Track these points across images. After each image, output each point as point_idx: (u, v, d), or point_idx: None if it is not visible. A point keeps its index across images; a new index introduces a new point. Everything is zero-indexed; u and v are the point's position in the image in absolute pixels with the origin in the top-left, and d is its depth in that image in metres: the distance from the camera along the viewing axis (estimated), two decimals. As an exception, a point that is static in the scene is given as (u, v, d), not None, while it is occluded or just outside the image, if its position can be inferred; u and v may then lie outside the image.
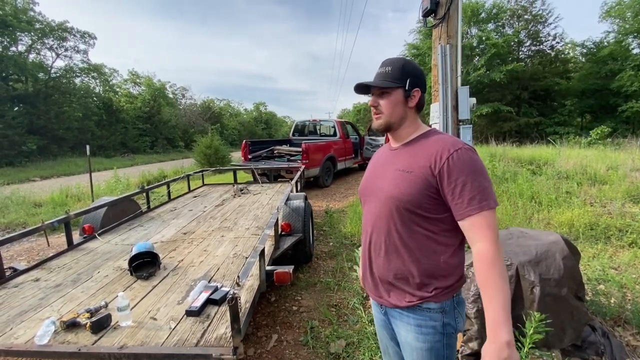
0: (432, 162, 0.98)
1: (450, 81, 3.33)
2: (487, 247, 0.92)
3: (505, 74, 18.67)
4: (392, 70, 1.07)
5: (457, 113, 3.36)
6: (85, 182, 8.12)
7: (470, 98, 3.38)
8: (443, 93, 3.30)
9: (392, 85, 1.06)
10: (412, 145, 1.08)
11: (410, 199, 1.00)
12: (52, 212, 6.19)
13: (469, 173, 0.94)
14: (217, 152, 12.64)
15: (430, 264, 1.03)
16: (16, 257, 4.20)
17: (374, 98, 1.10)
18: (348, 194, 7.54)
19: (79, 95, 23.18)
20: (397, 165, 1.07)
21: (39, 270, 2.42)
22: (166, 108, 30.15)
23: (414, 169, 1.01)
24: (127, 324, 1.67)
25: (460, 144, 0.99)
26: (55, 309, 1.88)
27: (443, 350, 1.07)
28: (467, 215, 0.93)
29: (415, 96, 1.08)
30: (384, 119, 1.09)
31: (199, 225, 3.45)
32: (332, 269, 3.47)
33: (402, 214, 1.02)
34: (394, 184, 1.04)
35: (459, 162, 0.95)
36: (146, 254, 2.30)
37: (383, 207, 1.07)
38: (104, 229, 3.25)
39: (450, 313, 1.05)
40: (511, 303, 1.87)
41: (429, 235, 1.02)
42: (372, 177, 1.19)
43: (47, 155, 18.68)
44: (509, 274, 1.92)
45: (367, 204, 1.18)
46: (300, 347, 2.25)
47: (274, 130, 49.86)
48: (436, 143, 1.02)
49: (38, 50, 21.53)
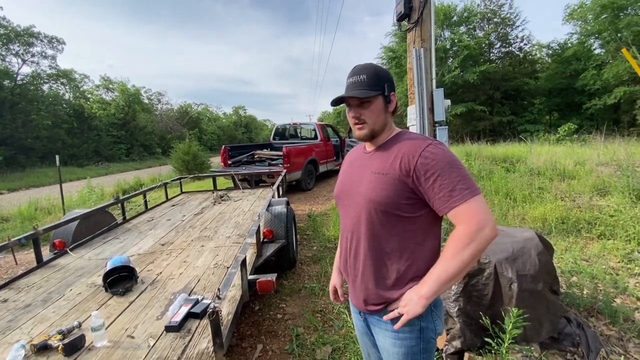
0: (405, 163, 0.99)
1: (426, 83, 3.41)
2: (464, 228, 0.93)
3: (478, 74, 19.37)
4: (369, 78, 1.05)
5: (433, 115, 3.43)
6: (56, 194, 7.73)
7: (445, 100, 3.46)
8: (419, 95, 3.36)
9: (372, 94, 1.04)
10: (386, 147, 1.08)
11: (388, 200, 1.00)
12: (20, 227, 5.85)
13: (443, 166, 0.94)
14: (196, 158, 12.34)
15: (407, 264, 1.03)
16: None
17: (355, 109, 1.06)
18: (330, 196, 7.55)
19: (47, 102, 22.16)
20: (372, 168, 1.07)
21: (7, 291, 2.27)
22: (142, 114, 29.30)
23: (389, 171, 1.02)
24: (103, 344, 1.60)
25: (429, 140, 1.00)
26: (25, 331, 1.77)
27: (420, 354, 1.07)
28: (450, 207, 0.93)
29: (393, 100, 1.09)
30: (368, 128, 1.06)
31: (178, 235, 3.36)
32: (316, 273, 3.45)
33: (381, 217, 1.03)
34: (371, 187, 1.04)
35: (431, 157, 0.95)
36: (122, 268, 2.21)
37: (362, 211, 1.06)
38: (76, 243, 3.09)
39: (427, 317, 1.05)
40: (491, 300, 1.94)
41: (408, 236, 1.03)
42: (347, 181, 1.18)
43: (14, 166, 17.72)
44: (488, 271, 1.97)
45: (344, 207, 1.17)
46: (286, 355, 2.22)
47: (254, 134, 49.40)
48: (407, 143, 1.03)
49: (3, 57, 20.45)
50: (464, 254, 0.91)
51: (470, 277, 2.00)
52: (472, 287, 2.00)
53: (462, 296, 1.99)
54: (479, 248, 0.92)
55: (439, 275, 0.94)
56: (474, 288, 2.00)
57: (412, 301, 0.97)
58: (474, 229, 0.91)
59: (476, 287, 2.00)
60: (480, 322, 1.92)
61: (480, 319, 1.92)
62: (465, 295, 1.99)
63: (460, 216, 0.93)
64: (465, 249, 0.92)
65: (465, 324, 1.99)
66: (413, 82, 3.42)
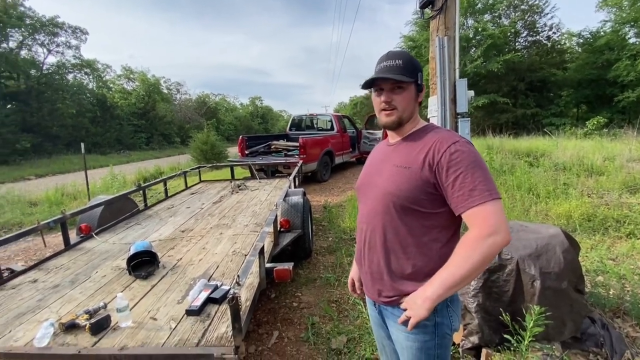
0: (429, 157, 0.96)
1: (448, 73, 3.30)
2: (477, 231, 0.90)
3: (502, 64, 18.62)
4: (404, 64, 1.01)
5: (455, 106, 3.33)
6: (81, 180, 8.04)
7: (468, 90, 3.35)
8: (441, 86, 3.27)
9: (407, 80, 1.01)
10: (410, 140, 1.06)
11: (407, 194, 0.98)
12: (48, 211, 6.14)
13: (467, 165, 0.92)
14: (214, 148, 12.55)
15: (425, 260, 1.02)
16: (13, 258, 4.17)
17: (387, 94, 1.02)
18: (346, 188, 7.53)
19: (72, 91, 22.88)
20: (395, 161, 1.06)
21: (37, 271, 2.39)
22: (161, 104, 29.88)
23: (411, 164, 1.00)
24: (127, 325, 1.66)
25: (457, 137, 0.97)
26: (54, 310, 1.86)
27: (434, 349, 1.06)
28: (468, 207, 0.91)
29: (423, 91, 1.08)
30: (396, 115, 1.04)
31: (197, 222, 3.43)
32: (331, 264, 3.47)
33: (399, 211, 1.01)
34: (391, 180, 1.03)
35: (457, 155, 0.93)
36: (145, 253, 2.28)
37: (379, 203, 1.05)
38: (101, 228, 3.22)
39: (443, 312, 1.04)
40: (512, 297, 1.90)
41: (425, 231, 1.01)
42: (369, 173, 1.17)
43: (41, 153, 18.50)
44: (510, 268, 1.92)
45: (363, 200, 1.17)
46: (301, 343, 2.25)
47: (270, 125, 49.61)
48: (433, 137, 1.00)
49: (29, 47, 21.18)
50: (473, 258, 0.88)
51: (491, 272, 1.95)
52: (492, 283, 1.96)
53: (482, 292, 1.95)
54: (489, 254, 0.89)
55: (446, 279, 0.92)
56: (494, 284, 1.96)
57: (415, 304, 0.95)
58: (485, 234, 0.88)
59: (496, 283, 1.96)
60: (500, 318, 1.88)
61: (500, 316, 1.88)
62: (484, 291, 1.96)
63: (475, 218, 0.91)
64: (474, 253, 0.89)
65: (484, 320, 1.95)
66: (435, 72, 3.32)
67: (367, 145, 9.99)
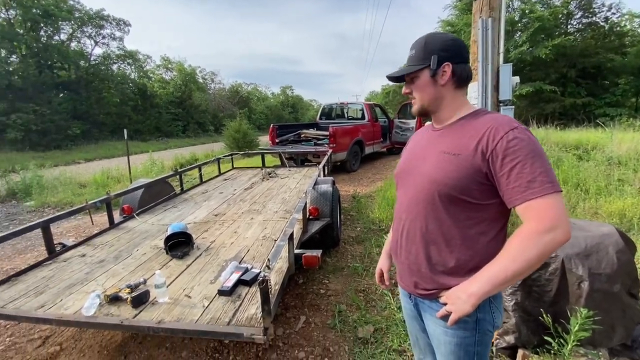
0: (482, 144, 0.89)
1: (492, 58, 3.09)
2: (534, 225, 0.82)
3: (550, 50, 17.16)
4: (416, 52, 1.00)
5: (498, 93, 3.12)
6: (124, 165, 8.57)
7: (513, 77, 3.12)
8: (482, 71, 3.07)
9: (414, 69, 0.99)
10: (459, 125, 0.98)
11: (456, 183, 0.92)
12: (95, 193, 6.61)
13: (527, 154, 0.83)
14: (246, 136, 12.84)
15: (471, 254, 0.95)
16: (65, 234, 4.55)
17: (406, 85, 1.05)
18: (376, 179, 7.41)
19: (116, 81, 24.23)
20: (442, 147, 0.98)
21: (85, 247, 2.58)
22: (197, 93, 30.86)
23: (461, 151, 0.92)
24: (164, 301, 1.75)
25: (515, 123, 0.89)
26: (100, 283, 2.00)
27: (474, 347, 1.00)
28: (525, 199, 0.83)
29: (446, 71, 0.97)
30: (417, 104, 1.04)
31: (229, 207, 3.53)
32: (360, 254, 3.44)
33: (444, 200, 0.95)
34: (438, 167, 0.96)
35: (515, 142, 0.85)
36: (180, 234, 2.38)
37: (422, 191, 1.00)
38: (141, 209, 3.41)
39: (485, 308, 0.98)
40: (554, 297, 1.77)
41: (472, 224, 0.95)
42: (410, 159, 1.11)
43: (89, 139, 19.89)
44: (554, 266, 1.79)
45: (403, 187, 1.11)
46: (328, 329, 2.26)
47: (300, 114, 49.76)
48: (487, 123, 0.92)
49: (78, 39, 22.60)
50: (529, 254, 0.81)
51: (532, 270, 1.83)
52: (532, 281, 1.84)
53: (521, 290, 1.84)
54: (546, 250, 0.81)
55: (496, 275, 0.85)
56: (535, 283, 1.84)
57: (459, 299, 0.90)
58: (544, 228, 0.80)
59: (538, 282, 1.84)
60: (540, 319, 1.77)
61: (540, 316, 1.77)
62: (524, 289, 1.84)
63: (532, 211, 0.83)
64: (530, 249, 0.81)
65: (522, 320, 1.85)
66: (477, 57, 3.12)
67: (399, 136, 9.72)
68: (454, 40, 1.00)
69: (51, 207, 6.15)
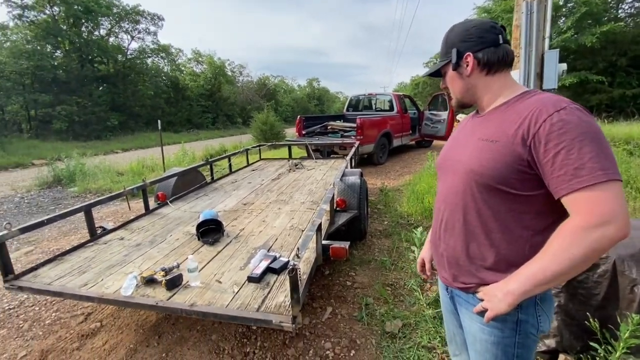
0: (524, 128, 0.80)
1: (536, 44, 2.88)
2: (580, 219, 0.73)
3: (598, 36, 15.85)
4: (441, 48, 1.01)
5: (542, 82, 2.91)
6: (157, 155, 8.94)
7: (560, 64, 2.90)
8: (525, 58, 2.87)
9: (437, 67, 1.02)
10: (502, 110, 0.91)
11: (493, 173, 0.85)
12: (131, 180, 6.95)
13: (574, 137, 0.73)
14: (273, 128, 12.99)
15: (512, 250, 0.88)
16: (105, 218, 4.82)
17: (442, 79, 1.05)
18: (404, 172, 7.23)
19: (150, 74, 25.24)
20: (481, 134, 0.92)
21: (123, 231, 2.71)
22: (226, 86, 31.51)
23: (500, 137, 0.85)
24: (196, 285, 1.80)
25: (564, 103, 0.78)
26: (137, 265, 2.09)
27: (514, 348, 0.94)
28: (571, 189, 0.73)
29: (468, 62, 0.93)
30: (453, 97, 1.04)
31: (258, 197, 3.58)
32: (387, 248, 3.38)
33: (482, 191, 0.89)
34: (475, 156, 0.90)
35: (560, 125, 0.75)
36: (212, 222, 2.44)
37: (460, 182, 0.94)
38: (174, 196, 3.53)
39: (529, 309, 0.91)
40: (602, 301, 1.64)
41: (514, 217, 0.87)
42: (452, 148, 1.06)
43: (126, 130, 20.93)
44: (604, 268, 1.65)
45: (443, 177, 1.06)
46: (354, 322, 2.24)
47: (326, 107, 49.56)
48: (532, 105, 0.82)
49: (116, 34, 23.69)
50: (572, 253, 0.73)
51: (578, 271, 1.70)
52: (578, 283, 1.72)
53: (565, 292, 1.72)
54: (595, 249, 0.72)
55: (534, 274, 0.78)
56: (581, 285, 1.71)
57: (495, 297, 0.84)
58: (591, 223, 0.71)
59: (584, 284, 1.71)
60: (585, 323, 1.65)
61: (585, 321, 1.64)
62: (568, 291, 1.72)
63: (579, 203, 0.73)
64: (574, 247, 0.73)
65: (564, 323, 1.73)
66: (519, 43, 2.91)
67: (429, 128, 9.39)
68: (477, 26, 0.93)
69: (92, 193, 6.55)
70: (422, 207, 4.19)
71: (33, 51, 17.63)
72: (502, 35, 0.92)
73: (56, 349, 2.10)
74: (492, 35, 0.92)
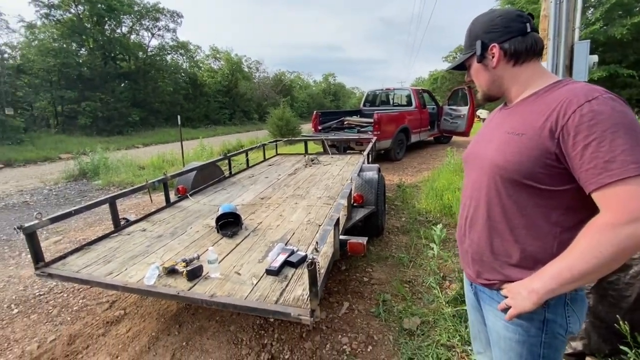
0: (552, 120, 0.76)
1: (565, 35, 2.75)
2: (610, 216, 0.69)
3: (629, 28, 15.04)
4: (465, 41, 0.99)
5: (571, 74, 2.78)
6: (177, 150, 9.14)
7: (590, 56, 2.76)
8: (554, 49, 2.75)
9: (461, 60, 0.99)
10: (529, 101, 0.87)
11: (519, 167, 0.82)
12: (152, 174, 7.14)
13: (606, 129, 0.69)
14: (288, 124, 13.03)
15: (539, 246, 0.85)
16: (127, 210, 4.98)
17: (467, 72, 1.03)
18: (422, 168, 7.12)
19: (169, 71, 25.72)
20: (507, 127, 0.89)
21: (145, 222, 2.79)
22: (242, 82, 31.78)
23: (527, 130, 0.82)
24: (216, 276, 1.83)
25: (596, 93, 0.74)
26: (158, 256, 2.14)
27: (540, 348, 0.90)
28: (600, 183, 0.70)
29: (494, 53, 0.89)
30: (479, 90, 1.01)
31: (275, 191, 3.60)
32: (405, 244, 3.34)
33: (507, 186, 0.86)
34: (500, 150, 0.87)
35: (591, 116, 0.71)
36: (230, 215, 2.47)
37: (484, 176, 0.92)
38: (194, 190, 3.60)
39: (558, 309, 0.87)
40: (634, 304, 1.56)
41: (542, 212, 0.83)
42: (478, 141, 1.03)
43: (147, 125, 21.47)
44: (636, 269, 1.57)
45: (468, 172, 1.03)
46: (371, 317, 2.23)
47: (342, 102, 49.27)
48: (562, 95, 0.78)
49: (137, 31, 24.23)
50: (601, 252, 0.69)
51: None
52: (608, 285, 1.64)
53: (594, 294, 1.65)
54: (626, 247, 0.67)
55: (560, 272, 0.75)
56: (611, 286, 1.64)
57: (519, 295, 0.82)
58: (621, 220, 0.67)
59: (615, 286, 1.63)
60: (615, 326, 1.57)
61: (615, 323, 1.57)
62: (598, 292, 1.65)
63: (610, 198, 0.69)
64: (602, 245, 0.69)
65: (592, 325, 1.67)
66: (547, 34, 2.79)
67: (449, 123, 9.18)
68: (502, 15, 0.89)
69: (115, 186, 6.77)
70: (441, 204, 4.12)
71: (59, 49, 18.30)
72: (529, 23, 0.89)
73: (83, 334, 2.19)
74: (518, 24, 0.88)
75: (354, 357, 1.89)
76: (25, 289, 2.82)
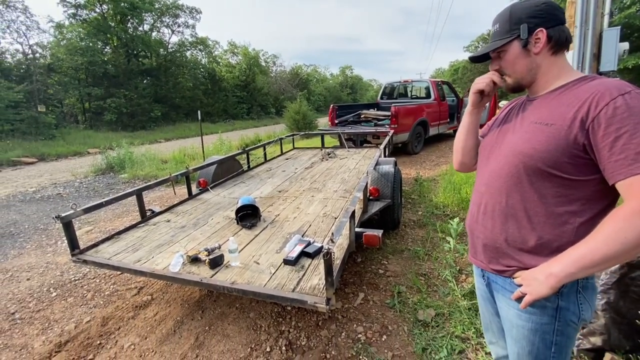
0: (583, 111, 0.78)
1: (593, 21, 2.63)
2: (635, 204, 0.72)
3: (669, 11, 14.06)
4: (500, 25, 0.95)
5: (599, 63, 2.67)
6: (197, 144, 9.39)
7: (620, 43, 2.63)
8: (581, 37, 2.64)
9: (501, 43, 0.93)
10: (558, 93, 0.88)
11: (546, 156, 0.83)
12: (174, 167, 7.39)
13: (638, 122, 0.72)
14: (305, 118, 13.09)
15: (557, 235, 0.86)
16: (151, 202, 5.20)
17: (493, 62, 1.00)
18: (440, 162, 7.01)
19: (189, 67, 26.24)
20: (534, 117, 0.90)
21: (169, 214, 2.92)
22: (260, 76, 32.01)
23: (556, 120, 0.83)
24: (236, 265, 1.91)
25: (628, 88, 0.76)
26: (182, 245, 2.26)
27: (552, 335, 0.92)
28: (630, 173, 0.72)
29: (539, 38, 0.88)
30: (511, 79, 0.98)
31: (291, 185, 3.67)
32: (421, 238, 3.34)
33: (530, 174, 0.87)
34: (526, 138, 0.88)
35: (624, 108, 0.73)
36: (249, 207, 2.55)
37: (507, 164, 0.93)
38: (214, 183, 3.72)
39: (570, 296, 0.89)
40: (659, 300, 1.53)
41: (562, 201, 0.85)
42: (497, 131, 1.04)
43: (168, 120, 22.07)
44: (662, 264, 1.53)
45: (485, 160, 1.05)
46: (386, 309, 2.27)
47: (359, 95, 48.77)
48: (593, 88, 0.80)
49: (158, 28, 24.79)
50: (626, 236, 0.70)
51: (632, 268, 1.60)
52: (631, 280, 1.61)
53: (615, 289, 1.62)
54: None
55: (583, 256, 0.76)
56: (633, 282, 1.60)
57: (536, 280, 0.83)
58: None
59: (637, 282, 1.59)
60: (637, 322, 1.55)
61: (637, 320, 1.54)
62: (619, 288, 1.62)
63: (637, 187, 0.71)
64: (627, 231, 0.71)
65: (613, 321, 1.64)
66: (574, 20, 2.68)
67: (468, 116, 8.94)
68: (547, 2, 0.89)
69: (140, 179, 7.06)
70: (459, 198, 4.07)
71: (86, 48, 19.01)
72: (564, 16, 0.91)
73: (115, 316, 2.35)
74: (561, 15, 0.90)
75: (368, 346, 1.94)
76: (62, 275, 3.03)
